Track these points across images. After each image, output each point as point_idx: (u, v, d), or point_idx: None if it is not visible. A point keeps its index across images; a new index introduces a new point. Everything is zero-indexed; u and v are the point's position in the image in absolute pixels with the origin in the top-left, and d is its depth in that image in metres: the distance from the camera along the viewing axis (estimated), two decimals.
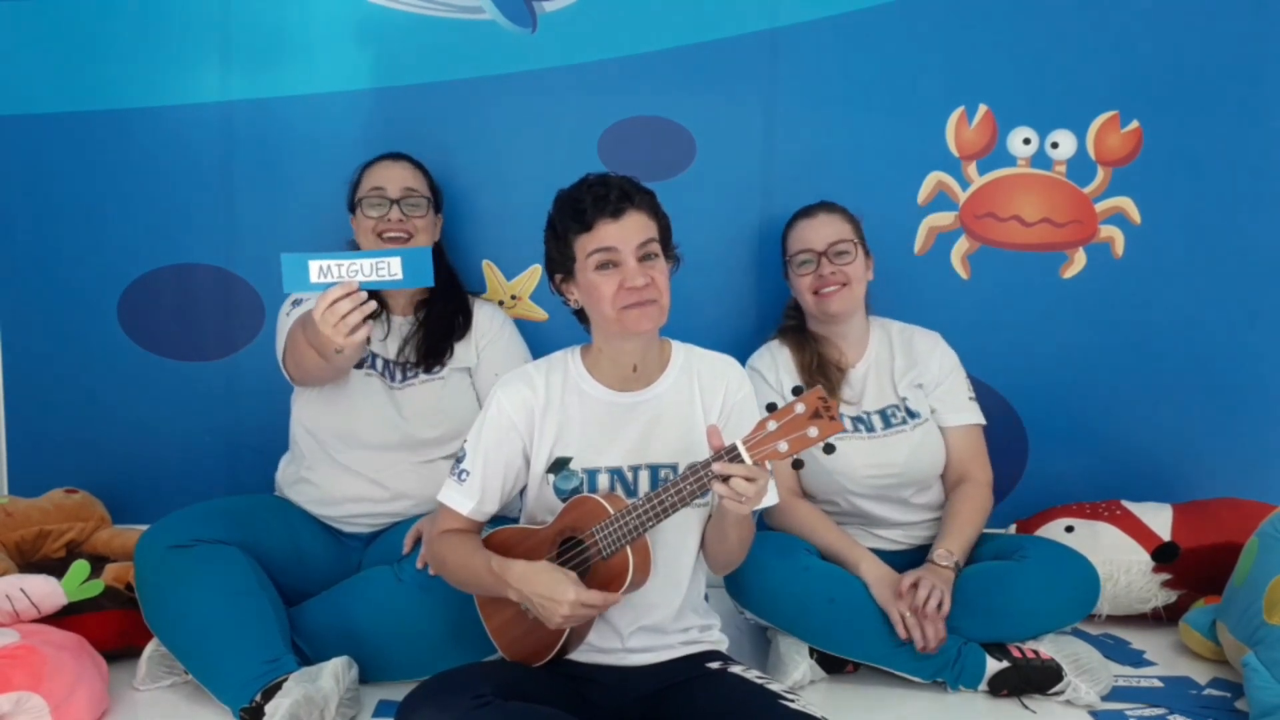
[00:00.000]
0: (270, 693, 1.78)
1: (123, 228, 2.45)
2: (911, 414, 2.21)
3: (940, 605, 1.96)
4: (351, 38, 2.41)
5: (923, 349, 2.25)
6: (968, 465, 2.22)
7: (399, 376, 2.18)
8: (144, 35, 2.39)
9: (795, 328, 2.29)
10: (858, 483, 2.16)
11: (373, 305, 1.69)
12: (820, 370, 2.20)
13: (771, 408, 1.58)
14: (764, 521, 2.16)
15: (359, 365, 2.14)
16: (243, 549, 1.96)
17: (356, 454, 2.14)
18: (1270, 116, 2.49)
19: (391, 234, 2.16)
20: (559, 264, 1.74)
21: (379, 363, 2.18)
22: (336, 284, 1.67)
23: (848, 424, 2.18)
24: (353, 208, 2.23)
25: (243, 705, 1.80)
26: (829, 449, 1.69)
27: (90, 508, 2.37)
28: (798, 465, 1.57)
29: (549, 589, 1.59)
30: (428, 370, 2.19)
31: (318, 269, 1.68)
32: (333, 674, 1.83)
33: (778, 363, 2.23)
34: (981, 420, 2.25)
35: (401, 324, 2.24)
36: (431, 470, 2.12)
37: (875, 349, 2.26)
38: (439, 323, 2.22)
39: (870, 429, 2.19)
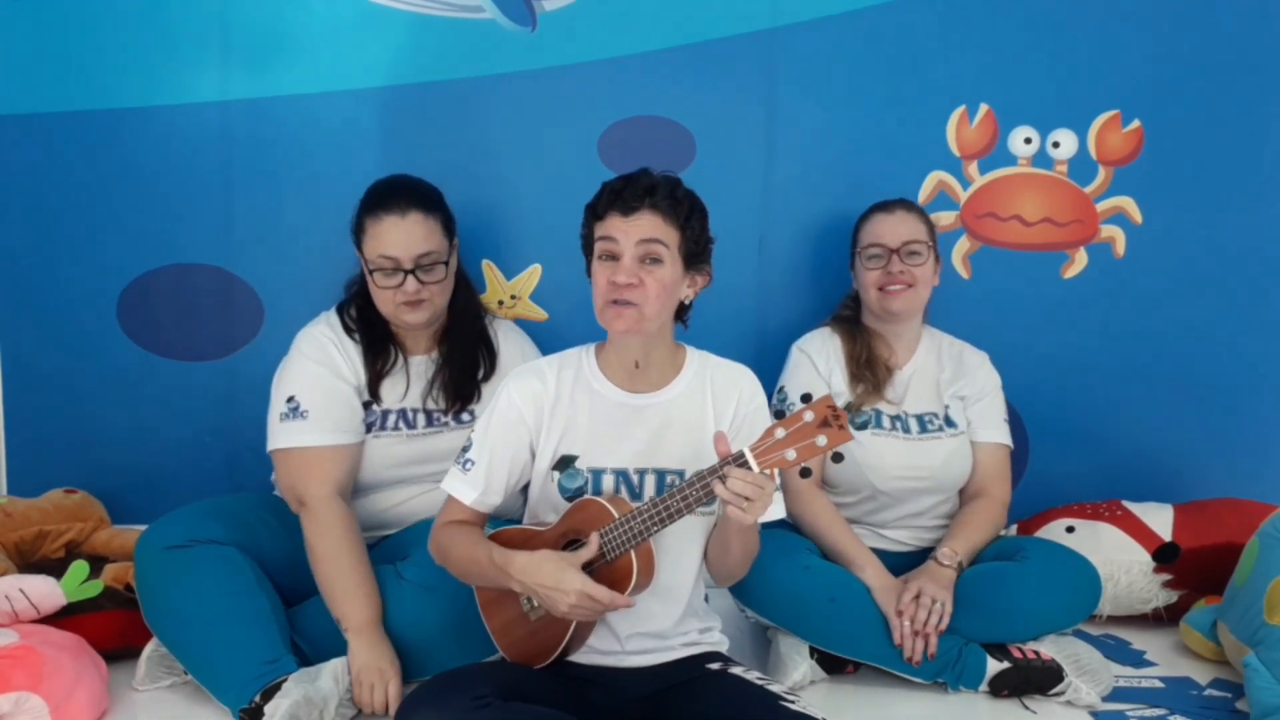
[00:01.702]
0: (270, 693, 1.77)
1: (122, 228, 2.44)
2: (950, 423, 2.22)
3: (940, 620, 1.98)
4: (351, 37, 2.40)
5: (972, 364, 2.28)
6: (989, 482, 2.23)
7: (422, 422, 2.10)
8: (142, 35, 2.38)
9: (850, 318, 2.29)
10: (886, 481, 2.16)
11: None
12: (869, 365, 2.21)
13: (778, 415, 1.57)
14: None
15: (366, 430, 2.07)
16: (241, 549, 1.94)
17: (366, 497, 2.13)
18: (1271, 116, 2.49)
19: (408, 302, 2.01)
20: (585, 247, 1.74)
21: (391, 418, 2.09)
22: None
23: (886, 422, 2.19)
24: (358, 245, 2.06)
25: (242, 706, 1.80)
26: (837, 458, 1.70)
27: (89, 508, 2.37)
28: (805, 474, 1.57)
29: (554, 579, 1.59)
30: (457, 417, 2.12)
31: None
32: (332, 674, 1.83)
33: (829, 350, 2.23)
34: (1010, 443, 2.27)
35: (422, 365, 2.13)
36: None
37: (923, 356, 2.27)
38: (462, 357, 2.12)
39: (906, 430, 2.19)
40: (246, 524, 2.01)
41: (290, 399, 2.02)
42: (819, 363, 2.21)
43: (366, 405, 2.08)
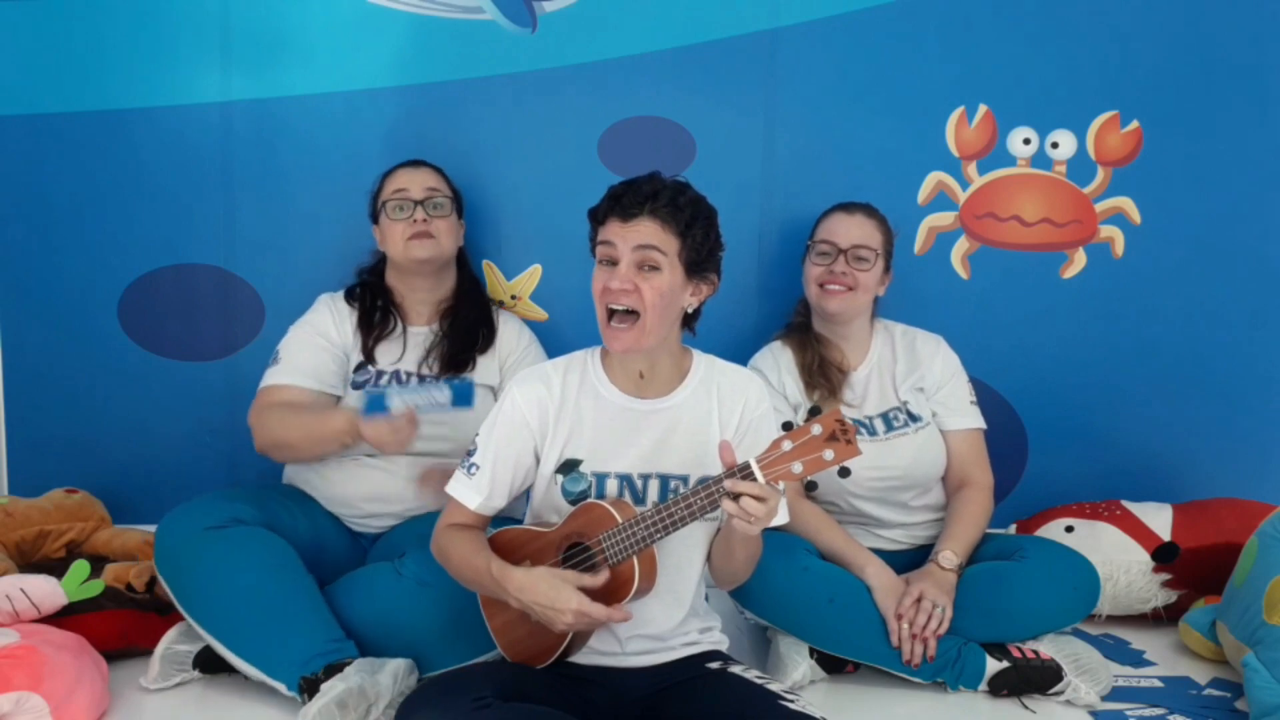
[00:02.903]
0: (331, 671, 1.78)
1: (123, 228, 2.45)
2: (913, 417, 2.21)
3: (940, 625, 1.98)
4: (351, 38, 2.41)
5: (925, 353, 2.26)
6: (969, 469, 2.23)
7: (414, 385, 2.15)
8: (144, 35, 2.39)
9: (801, 325, 2.29)
10: (859, 485, 2.16)
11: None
12: (821, 371, 2.20)
13: (788, 426, 1.57)
14: None
15: (359, 386, 2.15)
16: (273, 531, 1.96)
17: (364, 467, 2.13)
18: (1270, 116, 2.49)
19: (415, 235, 2.15)
20: (591, 249, 1.73)
21: (385, 379, 2.16)
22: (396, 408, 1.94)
23: None
24: (375, 214, 2.22)
25: (304, 675, 1.80)
26: (844, 472, 1.68)
27: (90, 508, 2.37)
28: (811, 487, 1.56)
29: (550, 598, 1.59)
30: (449, 381, 2.15)
31: (398, 400, 1.97)
32: (392, 673, 1.83)
33: (779, 364, 2.23)
34: (982, 424, 2.26)
35: (422, 335, 2.22)
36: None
37: (877, 352, 2.26)
38: (462, 332, 2.21)
39: (872, 432, 2.18)
40: (271, 509, 2.03)
41: (276, 353, 2.18)
42: (770, 377, 2.21)
43: (361, 366, 2.17)
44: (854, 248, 2.18)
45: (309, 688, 1.79)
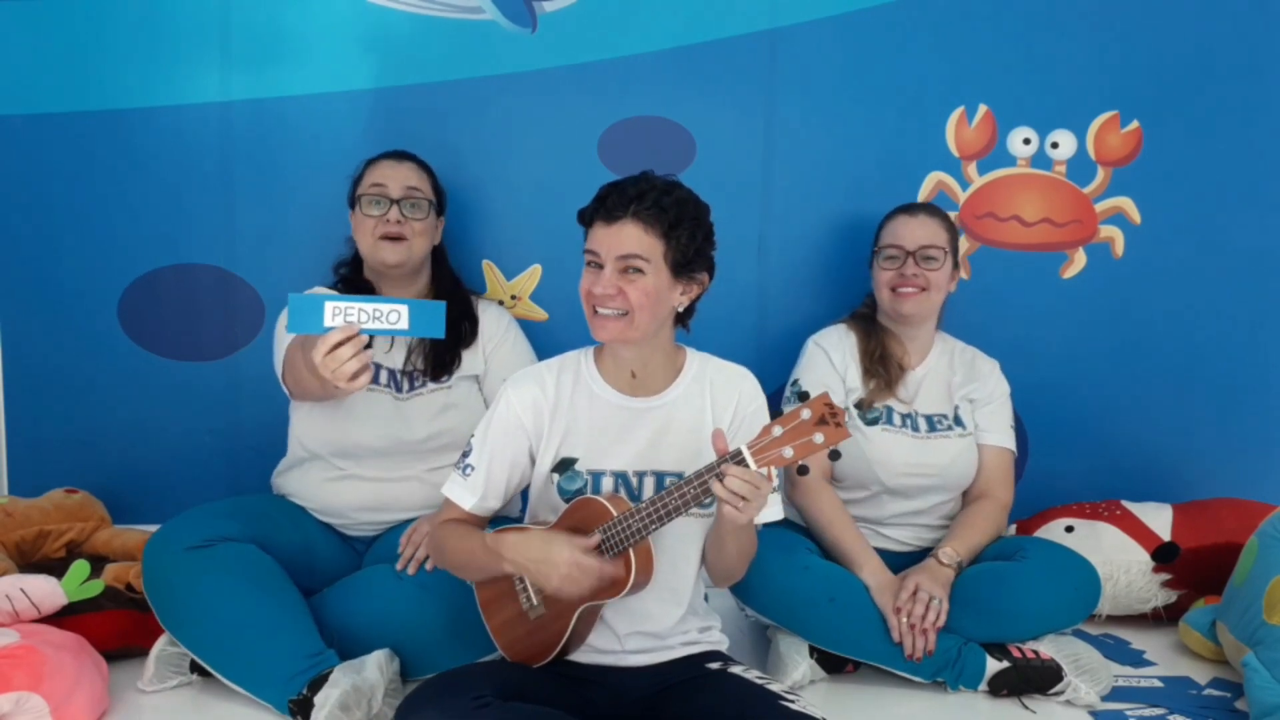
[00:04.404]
0: (316, 685, 1.78)
1: (123, 228, 2.45)
2: (959, 422, 2.24)
3: (937, 617, 1.99)
4: (351, 38, 2.41)
5: (984, 370, 2.30)
6: (993, 484, 2.24)
7: (405, 387, 2.15)
8: (143, 35, 2.39)
9: (868, 316, 2.31)
10: (893, 476, 2.18)
11: (371, 354, 1.69)
12: (882, 362, 2.22)
13: (775, 414, 1.57)
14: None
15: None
16: (259, 546, 1.94)
17: (359, 468, 2.13)
18: (1270, 116, 2.49)
19: (389, 234, 2.12)
20: (584, 251, 1.73)
21: (384, 374, 2.14)
22: (338, 328, 1.63)
23: (896, 419, 2.20)
24: (352, 203, 2.19)
25: (290, 697, 1.80)
26: (835, 455, 1.70)
27: (90, 508, 2.37)
28: (803, 471, 1.56)
29: (543, 552, 1.59)
30: (435, 379, 2.16)
31: (331, 312, 1.62)
32: (376, 665, 1.83)
33: (845, 346, 2.24)
34: (1014, 449, 2.28)
35: None
36: (438, 477, 2.06)
37: (936, 359, 2.28)
38: (446, 331, 2.19)
39: (915, 428, 2.20)
40: (258, 522, 2.01)
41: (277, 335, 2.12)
42: (835, 357, 2.23)
43: None
44: (921, 249, 2.18)
45: (300, 709, 1.79)
